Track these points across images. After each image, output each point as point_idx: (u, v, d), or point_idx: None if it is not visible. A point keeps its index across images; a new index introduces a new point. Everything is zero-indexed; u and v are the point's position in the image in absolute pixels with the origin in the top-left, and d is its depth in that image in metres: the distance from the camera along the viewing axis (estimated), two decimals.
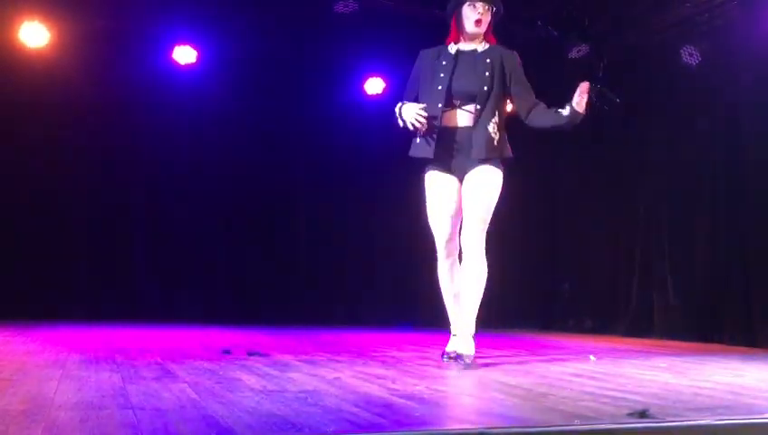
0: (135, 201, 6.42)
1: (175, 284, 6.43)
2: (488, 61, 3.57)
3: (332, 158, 6.83)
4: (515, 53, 3.68)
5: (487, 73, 3.54)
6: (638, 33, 6.15)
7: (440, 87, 3.54)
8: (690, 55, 5.60)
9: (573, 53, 6.01)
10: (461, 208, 3.55)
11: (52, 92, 5.91)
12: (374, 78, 6.84)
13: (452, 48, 3.65)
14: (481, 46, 3.64)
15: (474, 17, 3.55)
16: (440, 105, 3.52)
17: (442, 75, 3.56)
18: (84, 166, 6.17)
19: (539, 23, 6.12)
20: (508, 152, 3.61)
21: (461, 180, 3.57)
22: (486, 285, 3.51)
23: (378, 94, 6.86)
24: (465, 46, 3.64)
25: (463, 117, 3.55)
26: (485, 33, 3.65)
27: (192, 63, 6.23)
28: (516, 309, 7.20)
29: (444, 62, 3.60)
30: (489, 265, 3.50)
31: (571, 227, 7.34)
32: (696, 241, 5.83)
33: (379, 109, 6.88)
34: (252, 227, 6.66)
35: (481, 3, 3.55)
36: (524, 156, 4.20)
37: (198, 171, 6.51)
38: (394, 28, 6.03)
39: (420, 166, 3.69)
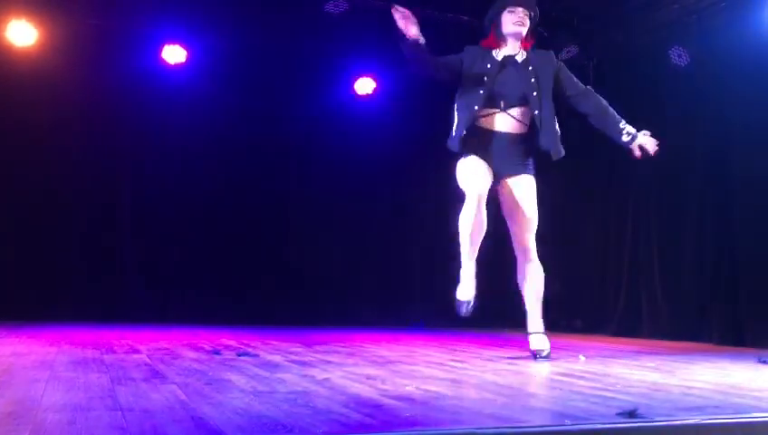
0: (123, 201, 6.39)
1: (164, 284, 6.41)
2: (530, 68, 3.71)
3: (323, 157, 6.83)
4: (551, 51, 3.85)
5: (533, 80, 3.68)
6: (627, 34, 6.18)
7: (482, 91, 3.65)
8: (679, 56, 5.63)
9: (563, 54, 6.03)
10: (487, 185, 3.64)
11: (39, 92, 5.87)
12: (364, 78, 6.84)
13: (496, 53, 3.75)
14: (521, 52, 3.76)
15: (515, 22, 3.68)
16: (476, 108, 3.65)
17: (486, 79, 3.66)
18: (72, 166, 6.14)
19: None
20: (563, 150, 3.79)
21: (497, 179, 3.72)
22: (477, 284, 3.65)
23: (368, 95, 6.86)
24: (507, 51, 3.75)
25: (506, 121, 3.70)
26: (523, 39, 3.78)
27: (181, 63, 6.21)
28: (507, 309, 7.21)
29: (488, 65, 3.71)
30: (481, 266, 3.63)
31: (560, 227, 7.36)
32: (684, 241, 5.86)
33: (370, 109, 6.89)
34: (241, 226, 6.64)
35: (521, 8, 3.69)
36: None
37: (187, 171, 6.49)
38: (385, 28, 6.02)
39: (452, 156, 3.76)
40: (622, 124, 3.79)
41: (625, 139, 3.76)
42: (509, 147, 3.70)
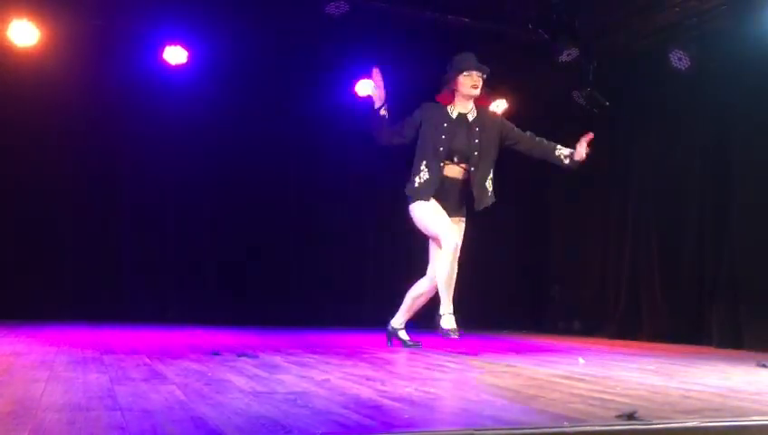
0: (123, 201, 6.39)
1: (163, 284, 6.41)
2: (477, 129, 4.23)
3: (323, 158, 6.83)
4: (497, 113, 4.51)
5: (476, 141, 4.21)
6: (628, 37, 6.18)
7: (441, 148, 4.18)
8: (679, 60, 5.63)
9: (563, 57, 6.03)
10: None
11: (40, 93, 5.87)
12: (365, 80, 6.84)
13: (451, 110, 4.27)
14: (471, 113, 4.28)
15: (471, 85, 4.18)
16: (441, 164, 4.19)
17: (444, 137, 4.18)
18: (72, 165, 6.14)
19: (529, 25, 6.13)
20: (493, 198, 4.32)
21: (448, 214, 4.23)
22: (478, 287, 3.81)
23: (369, 96, 6.85)
24: (460, 109, 4.26)
25: (456, 170, 4.24)
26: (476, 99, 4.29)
27: (182, 64, 6.20)
28: (506, 311, 7.22)
29: (445, 124, 4.22)
30: (481, 268, 3.76)
31: (560, 230, 7.38)
32: (683, 244, 5.86)
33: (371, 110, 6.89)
34: (241, 227, 6.64)
35: (476, 72, 4.19)
36: (517, 163, 4.39)
37: (188, 171, 6.49)
38: (385, 30, 6.03)
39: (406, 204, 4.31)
40: (557, 151, 4.30)
41: (566, 162, 4.27)
42: (455, 192, 4.26)
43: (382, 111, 4.29)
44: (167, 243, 6.45)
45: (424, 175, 4.20)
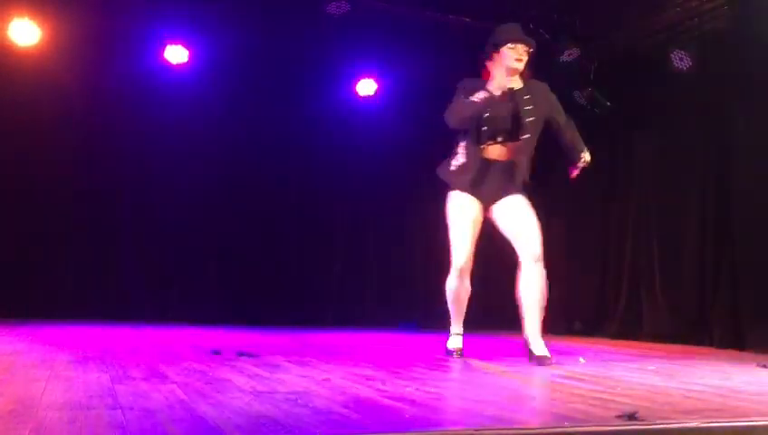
0: (124, 200, 6.39)
1: (164, 284, 6.40)
2: (526, 98, 3.85)
3: (324, 158, 6.82)
4: (545, 84, 3.99)
5: (528, 108, 3.82)
6: (629, 37, 6.18)
7: (484, 128, 3.79)
8: (681, 60, 5.62)
9: (564, 56, 6.03)
10: (478, 227, 3.95)
11: (40, 92, 5.86)
12: (366, 79, 6.84)
13: (493, 86, 3.79)
14: (517, 84, 3.87)
15: (516, 58, 3.81)
16: (482, 146, 3.83)
17: (486, 116, 3.79)
18: (73, 165, 6.13)
19: (530, 25, 6.13)
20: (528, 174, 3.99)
21: (487, 207, 3.93)
22: (478, 287, 3.73)
23: (370, 96, 6.86)
24: (503, 83, 3.80)
25: (499, 151, 3.86)
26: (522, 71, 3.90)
27: (183, 63, 6.20)
28: (507, 311, 7.21)
29: (488, 100, 3.78)
30: (481, 268, 3.70)
31: (560, 230, 7.36)
32: (684, 244, 5.86)
33: (371, 110, 6.90)
34: (242, 226, 6.63)
35: (522, 45, 3.83)
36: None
37: (188, 171, 6.49)
38: (386, 29, 6.03)
39: (443, 184, 3.98)
40: (584, 154, 4.00)
41: (580, 164, 4.00)
42: (501, 174, 3.88)
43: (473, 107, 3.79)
44: (167, 242, 6.44)
45: (461, 158, 3.88)
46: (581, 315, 6.84)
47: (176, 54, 6.16)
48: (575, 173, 4.06)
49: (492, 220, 3.97)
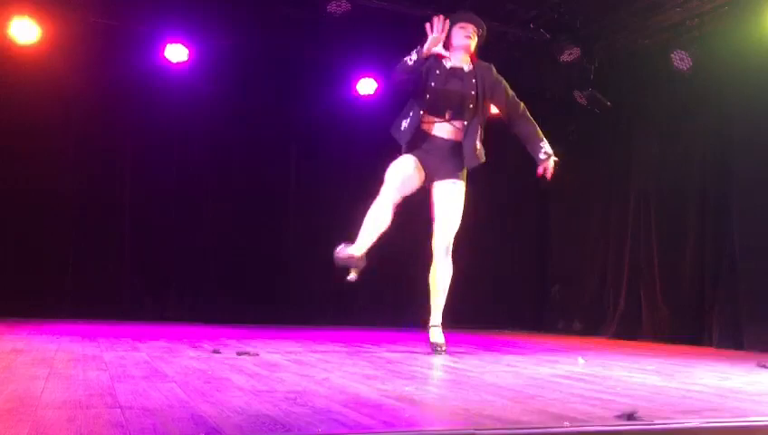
0: (123, 199, 6.38)
1: (163, 283, 6.40)
2: (473, 80, 4.06)
3: (324, 157, 6.83)
4: (491, 65, 4.16)
5: (473, 92, 4.03)
6: (629, 37, 6.18)
7: (428, 96, 4.02)
8: (681, 60, 5.62)
9: (565, 56, 6.03)
10: (412, 185, 4.11)
11: (40, 90, 5.87)
12: (366, 78, 6.84)
13: (446, 63, 4.08)
14: (467, 65, 4.11)
15: (464, 36, 4.07)
16: (421, 113, 4.04)
17: (433, 85, 4.01)
18: (73, 164, 6.14)
19: (531, 25, 6.14)
20: (483, 157, 4.12)
21: (428, 178, 4.10)
22: (477, 287, 3.74)
23: (370, 95, 6.86)
24: (455, 62, 4.09)
25: (446, 129, 4.08)
26: (471, 52, 4.14)
27: (184, 62, 6.21)
28: (506, 311, 7.22)
29: (437, 72, 4.04)
30: (481, 267, 3.71)
31: (560, 230, 7.37)
32: (684, 244, 5.86)
33: (371, 109, 6.89)
34: (242, 226, 6.64)
35: (471, 25, 4.10)
36: (516, 161, 4.35)
37: (188, 170, 6.49)
38: (386, 29, 6.03)
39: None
40: (542, 143, 4.12)
41: (542, 156, 4.09)
42: (445, 153, 4.06)
43: (417, 55, 3.91)
44: (167, 241, 6.44)
45: (405, 121, 4.12)
46: (581, 315, 6.84)
47: (176, 53, 6.16)
48: (543, 171, 4.11)
49: (429, 196, 4.17)
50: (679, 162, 5.97)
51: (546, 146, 4.10)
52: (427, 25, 3.89)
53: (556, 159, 4.10)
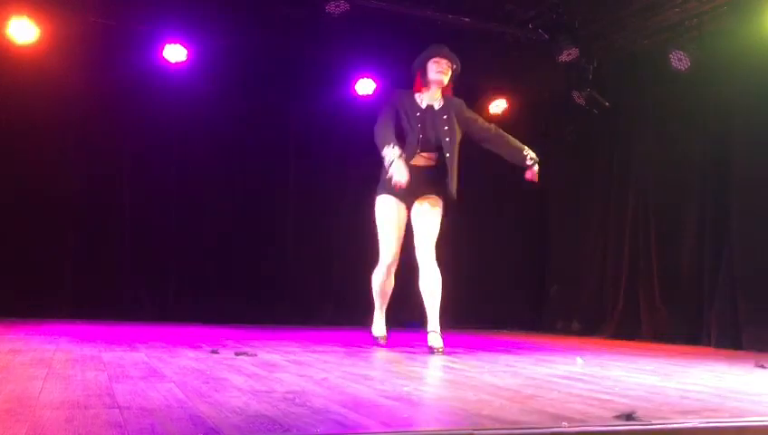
0: (122, 199, 6.38)
1: (162, 283, 6.40)
2: (445, 117, 4.20)
3: (322, 158, 6.83)
4: (461, 100, 4.32)
5: (446, 127, 4.18)
6: (628, 37, 6.19)
7: (413, 142, 4.13)
8: (679, 60, 5.63)
9: (563, 57, 6.03)
10: (403, 226, 4.25)
11: (39, 91, 5.86)
12: (365, 79, 6.84)
13: (420, 99, 4.25)
14: (438, 102, 4.25)
15: (438, 71, 4.18)
16: (418, 151, 4.16)
17: (419, 126, 4.16)
18: (72, 164, 6.13)
19: (530, 25, 6.14)
20: (455, 196, 4.25)
21: (409, 204, 4.23)
22: (477, 287, 3.76)
23: (368, 95, 6.86)
24: (429, 99, 4.24)
25: (420, 159, 4.19)
26: (444, 87, 4.28)
27: (182, 62, 6.20)
28: (505, 311, 7.22)
29: (417, 114, 4.19)
30: (480, 268, 3.73)
31: (559, 230, 7.37)
32: (682, 244, 5.87)
33: (370, 109, 6.89)
34: (240, 226, 6.63)
35: (445, 60, 4.21)
36: (515, 163, 4.37)
37: (188, 170, 6.48)
38: (385, 29, 6.03)
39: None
40: (525, 151, 4.29)
41: (529, 162, 4.26)
42: (421, 178, 4.13)
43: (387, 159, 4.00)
44: (166, 242, 6.43)
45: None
46: (580, 315, 6.84)
47: (174, 53, 6.16)
48: (531, 176, 4.28)
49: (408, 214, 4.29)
50: (678, 162, 5.97)
51: (529, 152, 4.26)
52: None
53: (538, 159, 4.27)
